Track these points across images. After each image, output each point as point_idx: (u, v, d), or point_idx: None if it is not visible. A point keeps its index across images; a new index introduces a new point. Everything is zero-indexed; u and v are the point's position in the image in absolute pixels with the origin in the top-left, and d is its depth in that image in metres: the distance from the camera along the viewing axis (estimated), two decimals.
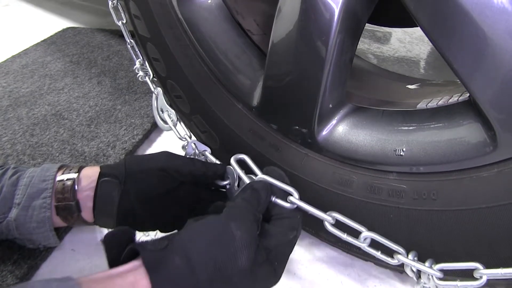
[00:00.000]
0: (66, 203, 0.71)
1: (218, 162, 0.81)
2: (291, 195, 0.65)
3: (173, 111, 0.90)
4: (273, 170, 0.69)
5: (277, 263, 0.59)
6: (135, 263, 0.53)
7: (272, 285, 0.60)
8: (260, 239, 0.59)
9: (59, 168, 0.75)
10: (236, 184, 0.76)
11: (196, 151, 0.85)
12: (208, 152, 0.84)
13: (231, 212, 0.60)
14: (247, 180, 0.70)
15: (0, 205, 0.70)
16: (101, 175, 0.73)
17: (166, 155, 0.78)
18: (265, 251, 0.58)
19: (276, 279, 0.60)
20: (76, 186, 0.72)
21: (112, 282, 0.52)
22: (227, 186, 0.78)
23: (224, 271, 0.54)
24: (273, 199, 0.65)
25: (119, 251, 0.56)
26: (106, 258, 0.56)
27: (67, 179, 0.72)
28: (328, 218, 0.65)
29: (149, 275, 0.51)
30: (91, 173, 0.74)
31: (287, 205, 0.65)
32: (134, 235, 0.58)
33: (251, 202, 0.62)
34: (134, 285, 0.51)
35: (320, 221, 0.66)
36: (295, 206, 0.65)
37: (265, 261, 0.57)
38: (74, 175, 0.73)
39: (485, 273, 0.57)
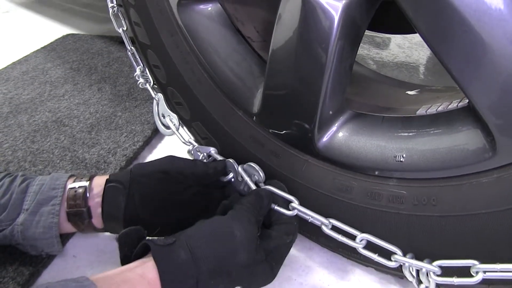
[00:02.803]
0: (77, 209, 0.73)
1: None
2: (292, 202, 0.74)
3: (175, 115, 0.90)
4: (275, 182, 0.77)
5: (274, 263, 0.66)
6: (145, 259, 0.59)
7: (268, 282, 0.67)
8: (260, 241, 0.65)
9: (69, 177, 0.77)
10: (239, 176, 0.80)
11: (205, 154, 0.85)
12: (213, 152, 0.84)
13: (234, 213, 0.67)
14: (253, 187, 0.76)
15: (9, 211, 0.72)
16: (107, 181, 0.76)
17: (169, 158, 0.80)
18: (264, 251, 0.65)
19: (273, 277, 0.67)
20: (87, 194, 0.74)
21: (122, 275, 0.57)
22: (232, 180, 0.81)
23: (224, 265, 0.60)
24: (274, 207, 0.73)
25: (130, 249, 0.62)
26: (119, 256, 0.62)
27: (79, 187, 0.75)
28: (325, 222, 0.71)
29: (157, 266, 0.57)
30: (101, 181, 0.76)
31: (287, 212, 0.73)
32: (145, 234, 0.64)
33: (254, 206, 0.69)
34: (143, 276, 0.56)
35: (318, 226, 0.73)
36: (295, 213, 0.73)
37: (263, 260, 0.64)
38: (86, 183, 0.75)
39: (482, 268, 0.58)
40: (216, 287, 0.60)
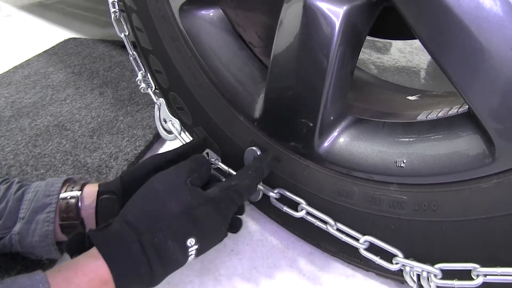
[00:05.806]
0: (70, 222, 0.72)
1: (231, 170, 0.83)
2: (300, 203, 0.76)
3: (177, 120, 0.90)
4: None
5: (223, 205, 0.66)
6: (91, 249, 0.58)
7: (221, 226, 0.66)
8: (199, 190, 0.66)
9: (64, 183, 0.75)
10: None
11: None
12: (218, 160, 0.85)
13: (156, 175, 0.68)
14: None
15: (5, 219, 0.71)
16: (99, 193, 0.74)
17: (152, 157, 0.79)
18: (204, 196, 0.65)
19: (224, 219, 0.66)
20: (80, 204, 0.73)
21: (72, 263, 0.56)
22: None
23: (159, 219, 0.61)
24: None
25: (80, 252, 0.60)
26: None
27: (70, 197, 0.73)
28: (331, 222, 0.72)
29: (98, 249, 0.56)
30: (92, 191, 0.75)
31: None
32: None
33: (180, 167, 0.69)
34: (90, 258, 0.56)
35: (321, 229, 0.74)
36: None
37: (203, 204, 0.64)
38: (77, 193, 0.74)
39: (483, 272, 0.59)
40: (165, 244, 0.59)
